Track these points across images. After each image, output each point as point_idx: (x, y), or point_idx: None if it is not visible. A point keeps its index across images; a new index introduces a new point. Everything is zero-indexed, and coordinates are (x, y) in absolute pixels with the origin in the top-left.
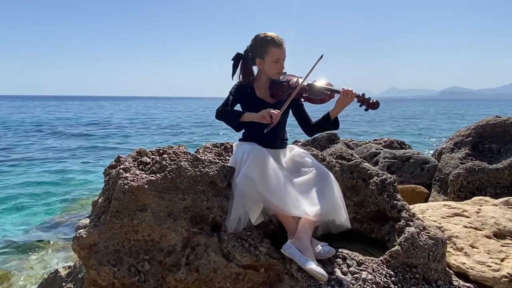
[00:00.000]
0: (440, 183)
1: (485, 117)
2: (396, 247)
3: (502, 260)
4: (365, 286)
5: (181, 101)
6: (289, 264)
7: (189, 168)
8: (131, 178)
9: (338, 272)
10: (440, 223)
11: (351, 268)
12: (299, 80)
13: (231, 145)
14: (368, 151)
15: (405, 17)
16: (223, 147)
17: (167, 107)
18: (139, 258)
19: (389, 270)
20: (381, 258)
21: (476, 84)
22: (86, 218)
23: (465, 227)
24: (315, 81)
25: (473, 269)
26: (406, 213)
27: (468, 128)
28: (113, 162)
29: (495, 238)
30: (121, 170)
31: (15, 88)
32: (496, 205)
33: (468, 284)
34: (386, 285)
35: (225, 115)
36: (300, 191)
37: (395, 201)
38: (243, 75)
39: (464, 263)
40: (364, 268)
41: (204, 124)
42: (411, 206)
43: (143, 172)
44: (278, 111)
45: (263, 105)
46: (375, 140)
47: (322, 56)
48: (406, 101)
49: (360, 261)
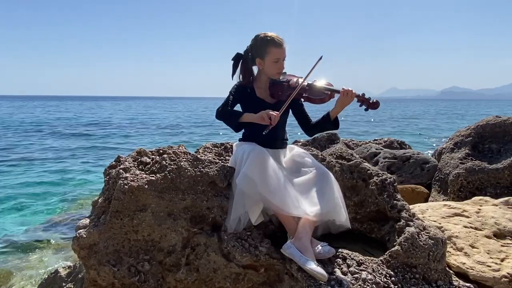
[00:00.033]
0: (440, 183)
1: (485, 117)
2: (396, 247)
3: (502, 260)
4: (365, 286)
5: (181, 101)
6: (289, 264)
7: (189, 168)
8: (131, 178)
9: (338, 272)
10: (440, 223)
11: (351, 268)
12: (299, 80)
13: (231, 145)
14: (368, 151)
15: (405, 17)
16: (223, 147)
17: (167, 107)
18: (139, 258)
19: (389, 270)
20: (381, 258)
21: (476, 84)
22: (86, 218)
23: (465, 227)
24: (315, 81)
25: (473, 269)
26: (406, 213)
27: (468, 128)
28: (113, 162)
29: (495, 238)
30: (121, 170)
31: (15, 88)
32: (496, 205)
33: (468, 284)
34: (386, 285)
35: (225, 115)
36: (300, 191)
37: (395, 201)
38: (243, 75)
39: (464, 263)
40: (364, 268)
41: (204, 124)
42: (411, 206)
43: (143, 172)
44: (277, 113)
45: (263, 105)
46: (375, 140)
47: (322, 58)
48: (406, 101)
49: (360, 261)
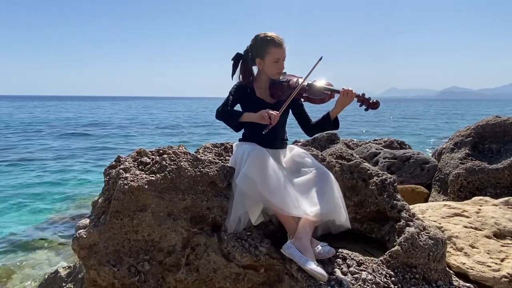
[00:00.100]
0: (440, 183)
1: (485, 117)
2: (396, 247)
3: (502, 260)
4: (365, 286)
5: (181, 101)
6: (289, 264)
7: (189, 168)
8: (131, 178)
9: (338, 272)
10: (440, 223)
11: (351, 268)
12: (299, 80)
13: (231, 145)
14: (368, 151)
15: (405, 17)
16: (223, 147)
17: (167, 107)
18: (139, 258)
19: (389, 270)
20: (381, 258)
21: (476, 84)
22: (86, 218)
23: (465, 227)
24: (315, 81)
25: (473, 269)
26: (406, 213)
27: (468, 128)
28: (113, 162)
29: (495, 238)
30: (121, 170)
31: (15, 88)
32: (496, 205)
33: (468, 284)
34: (386, 285)
35: (225, 115)
36: (300, 191)
37: (395, 201)
38: (243, 75)
39: (464, 263)
40: (364, 268)
41: (204, 124)
42: (411, 206)
43: (143, 172)
44: (277, 112)
45: (263, 105)
46: (375, 140)
47: (322, 58)
48: (406, 101)
49: (360, 261)
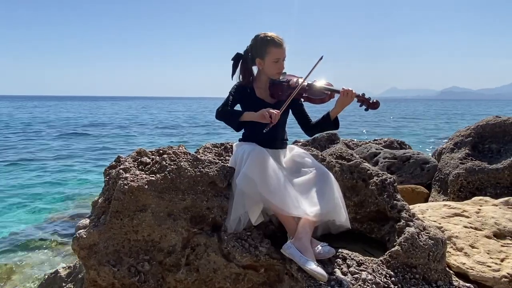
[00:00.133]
0: (440, 183)
1: (485, 117)
2: (396, 247)
3: (502, 260)
4: (365, 286)
5: (181, 101)
6: (289, 264)
7: (189, 169)
8: (131, 178)
9: (338, 272)
10: (440, 223)
11: (351, 268)
12: (299, 80)
13: (231, 145)
14: (368, 151)
15: (405, 17)
16: (223, 147)
17: (167, 107)
18: (139, 258)
19: (389, 270)
20: (381, 258)
21: (476, 84)
22: (86, 218)
23: (465, 227)
24: (315, 81)
25: (473, 269)
26: (406, 213)
27: (468, 128)
28: (113, 162)
29: (495, 238)
30: (121, 170)
31: (15, 88)
32: (496, 205)
33: (468, 284)
34: (386, 285)
35: (225, 115)
36: (300, 191)
37: (395, 201)
38: (243, 75)
39: (464, 263)
40: (364, 268)
41: (204, 124)
42: (411, 206)
43: (143, 172)
44: (278, 111)
45: (263, 105)
46: (375, 140)
47: (322, 58)
48: (406, 101)
49: (360, 261)
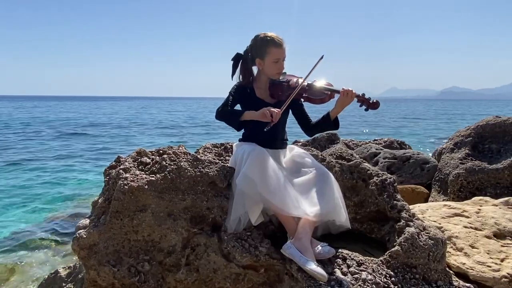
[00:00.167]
0: (440, 183)
1: (485, 117)
2: (396, 247)
3: (502, 260)
4: (365, 287)
5: (181, 101)
6: (289, 265)
7: (189, 169)
8: (131, 179)
9: (338, 273)
10: (440, 223)
11: (351, 269)
12: (299, 80)
13: (231, 145)
14: (368, 151)
15: (405, 17)
16: (223, 147)
17: (167, 107)
18: (139, 259)
19: (389, 271)
20: (381, 259)
21: (476, 84)
22: (86, 219)
23: (465, 227)
24: (315, 81)
25: (473, 269)
26: (406, 213)
27: (468, 128)
28: (113, 162)
29: (495, 238)
30: (121, 171)
31: (15, 88)
32: (496, 205)
33: (468, 285)
34: (386, 286)
35: (225, 115)
36: (300, 191)
37: (395, 201)
38: (243, 75)
39: (464, 263)
40: (364, 269)
41: (204, 124)
42: (411, 206)
43: (143, 173)
44: (279, 110)
45: (263, 105)
46: (375, 140)
47: (323, 57)
48: (406, 101)
49: (360, 262)
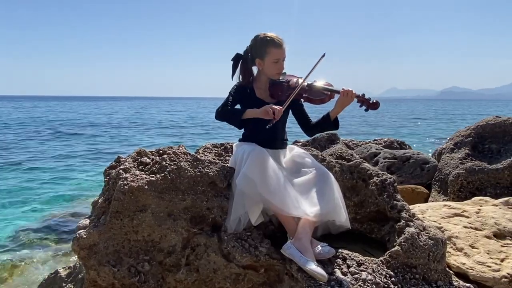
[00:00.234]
0: (440, 183)
1: (485, 117)
2: (396, 248)
3: (502, 261)
4: (365, 287)
5: (181, 101)
6: (289, 265)
7: (189, 169)
8: (131, 179)
9: (338, 273)
10: (440, 223)
11: (351, 269)
12: (299, 81)
13: (231, 146)
14: (368, 151)
15: (405, 17)
16: (223, 148)
17: (167, 107)
18: (139, 259)
19: (389, 271)
20: (381, 259)
21: (476, 84)
22: (86, 219)
23: (465, 227)
24: (315, 82)
25: (473, 269)
26: (406, 214)
27: (468, 128)
28: (113, 163)
29: (495, 238)
30: (121, 171)
31: (15, 88)
32: (496, 205)
33: (468, 285)
34: (386, 286)
35: (226, 115)
36: (300, 192)
37: (395, 201)
38: (243, 76)
39: (464, 264)
40: (364, 269)
41: (204, 124)
42: (411, 206)
43: (143, 173)
44: (281, 107)
45: (263, 106)
46: (375, 140)
47: (324, 55)
48: (406, 101)
49: (360, 262)
